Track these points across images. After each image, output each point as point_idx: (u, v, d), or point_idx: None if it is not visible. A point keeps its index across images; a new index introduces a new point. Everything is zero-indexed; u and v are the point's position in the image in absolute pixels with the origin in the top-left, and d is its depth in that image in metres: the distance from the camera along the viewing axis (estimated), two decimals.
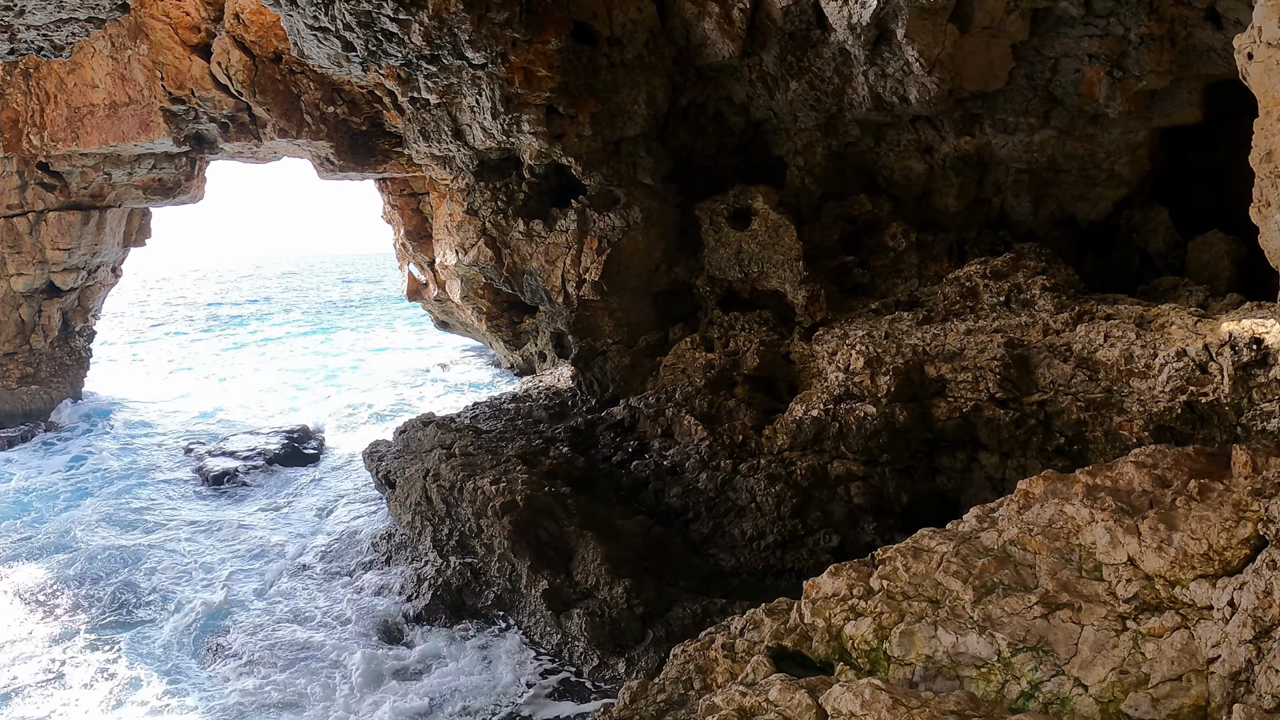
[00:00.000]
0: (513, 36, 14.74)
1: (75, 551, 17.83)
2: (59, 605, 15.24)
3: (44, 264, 29.52)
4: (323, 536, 17.92)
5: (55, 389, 32.08)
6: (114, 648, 13.57)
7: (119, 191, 29.12)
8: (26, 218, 28.57)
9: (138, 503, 21.58)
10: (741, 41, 15.00)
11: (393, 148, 23.13)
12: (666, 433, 14.96)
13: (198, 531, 19.16)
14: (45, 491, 22.95)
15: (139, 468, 25.26)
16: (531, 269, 17.69)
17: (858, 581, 6.18)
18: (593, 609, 11.27)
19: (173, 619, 14.53)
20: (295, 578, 15.84)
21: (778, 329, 15.36)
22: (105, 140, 25.17)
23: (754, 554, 12.24)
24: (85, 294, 32.18)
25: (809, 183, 16.21)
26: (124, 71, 23.94)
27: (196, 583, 16.24)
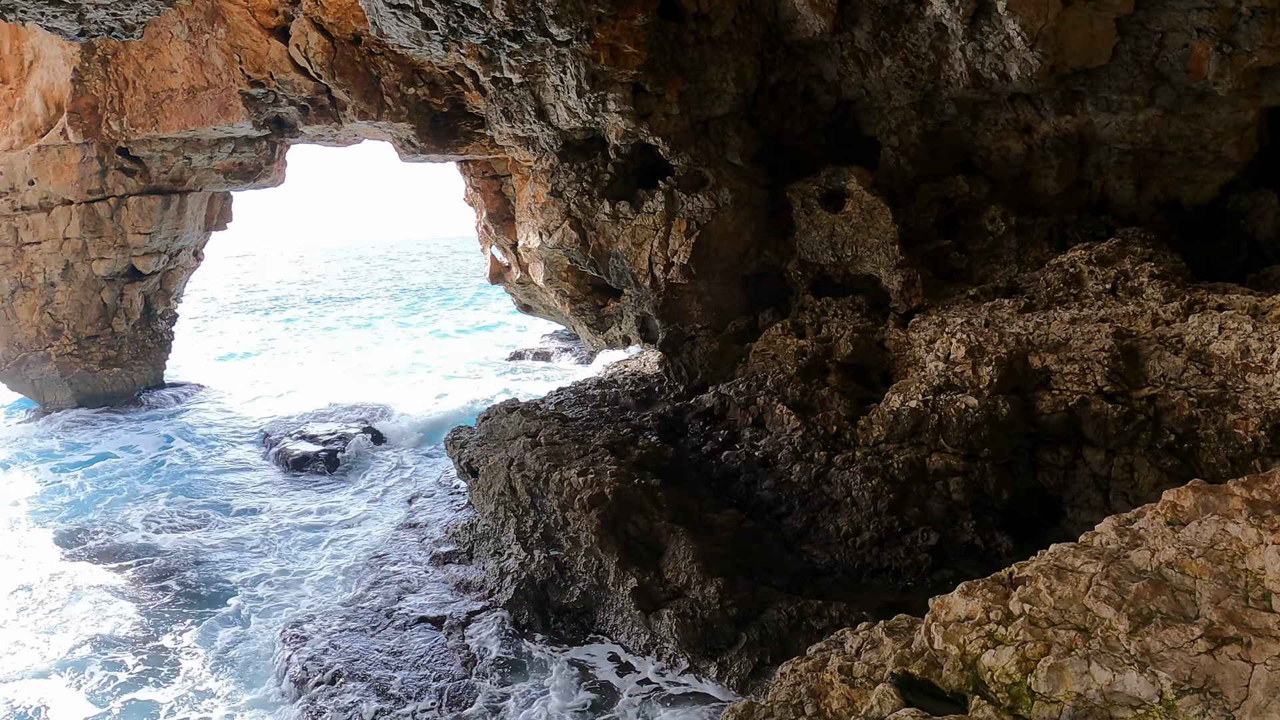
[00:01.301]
0: (598, 12, 14.91)
1: (155, 539, 18.78)
2: (140, 594, 16.01)
3: (125, 248, 30.74)
4: (400, 524, 18.54)
5: (137, 371, 33.48)
6: (193, 639, 14.28)
7: (199, 176, 30.17)
8: (107, 202, 29.78)
9: (217, 487, 22.61)
10: (833, 16, 15.03)
11: (474, 129, 23.59)
12: (757, 422, 15.10)
13: (274, 518, 19.97)
14: (126, 476, 24.09)
15: (219, 452, 26.39)
16: (617, 251, 17.98)
17: (995, 604, 5.81)
18: (684, 609, 11.39)
19: (248, 609, 15.26)
20: (373, 568, 16.33)
21: (871, 315, 15.43)
22: (184, 125, 26.09)
23: (849, 551, 12.37)
24: (166, 278, 33.43)
25: (903, 163, 16.16)
26: (202, 56, 24.77)
27: (274, 571, 16.98)
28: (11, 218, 31.13)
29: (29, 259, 31.39)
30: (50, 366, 31.91)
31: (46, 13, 12.98)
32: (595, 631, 12.78)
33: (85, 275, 31.49)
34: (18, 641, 14.28)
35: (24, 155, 29.82)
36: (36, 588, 16.30)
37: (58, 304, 31.89)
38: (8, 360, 32.64)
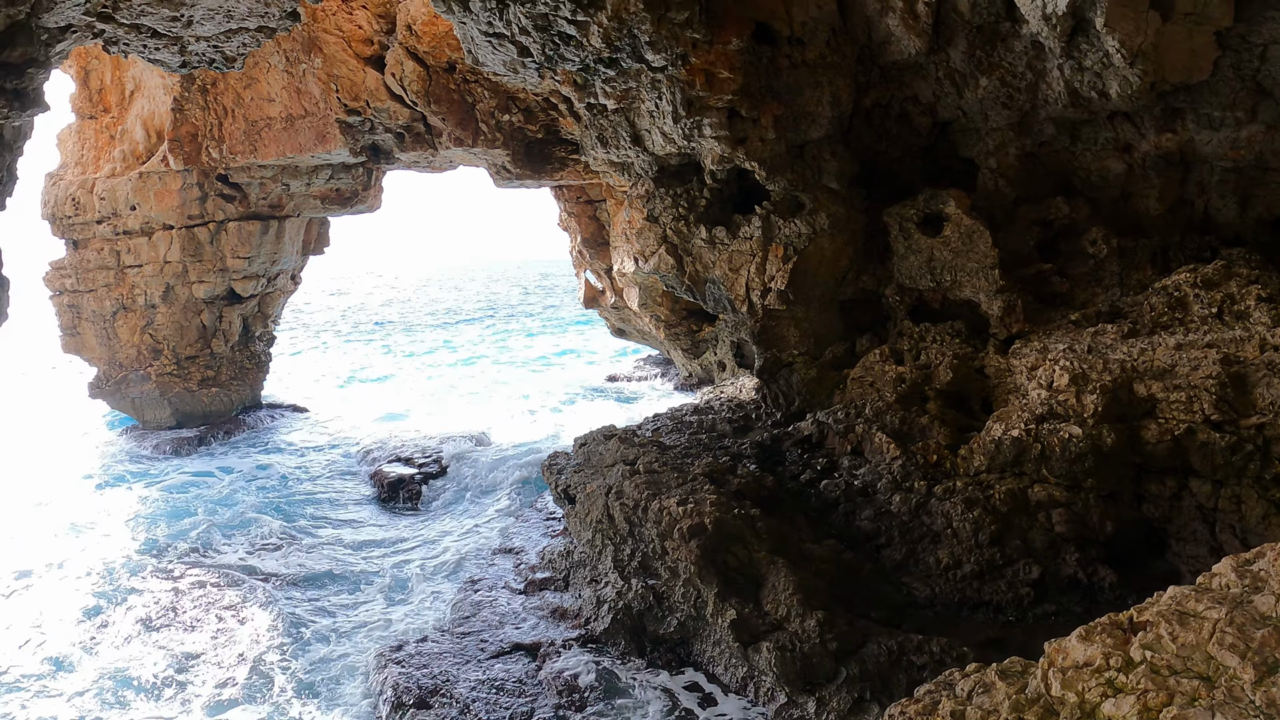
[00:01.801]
0: (693, 37, 15.25)
1: (250, 558, 19.62)
2: (235, 613, 16.77)
3: (224, 271, 31.97)
4: (496, 549, 19.04)
5: (235, 392, 34.70)
6: (287, 657, 14.93)
7: (297, 202, 31.32)
8: (207, 227, 31.04)
9: (313, 508, 23.44)
10: (928, 37, 15.17)
11: (569, 155, 24.22)
12: (856, 450, 15.30)
13: (369, 540, 20.66)
14: (222, 495, 25.11)
15: (315, 473, 27.26)
16: (714, 277, 18.28)
17: (1114, 650, 5.65)
18: (783, 642, 11.46)
19: (344, 630, 15.88)
20: (468, 592, 16.84)
21: (971, 341, 15.54)
22: (283, 152, 27.15)
23: (949, 584, 12.47)
24: (265, 300, 34.66)
25: (1002, 185, 16.23)
26: (299, 85, 25.79)
27: (369, 593, 17.60)
28: (114, 241, 32.58)
29: (130, 281, 32.83)
30: (150, 385, 33.31)
31: (150, 45, 13.72)
32: (691, 663, 13.01)
33: (185, 297, 32.82)
34: (107, 654, 15.11)
35: (126, 181, 31.21)
36: (132, 603, 17.17)
37: (158, 325, 33.28)
38: (109, 379, 34.14)
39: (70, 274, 33.92)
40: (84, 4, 11.62)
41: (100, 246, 32.91)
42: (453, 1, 15.53)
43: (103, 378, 34.62)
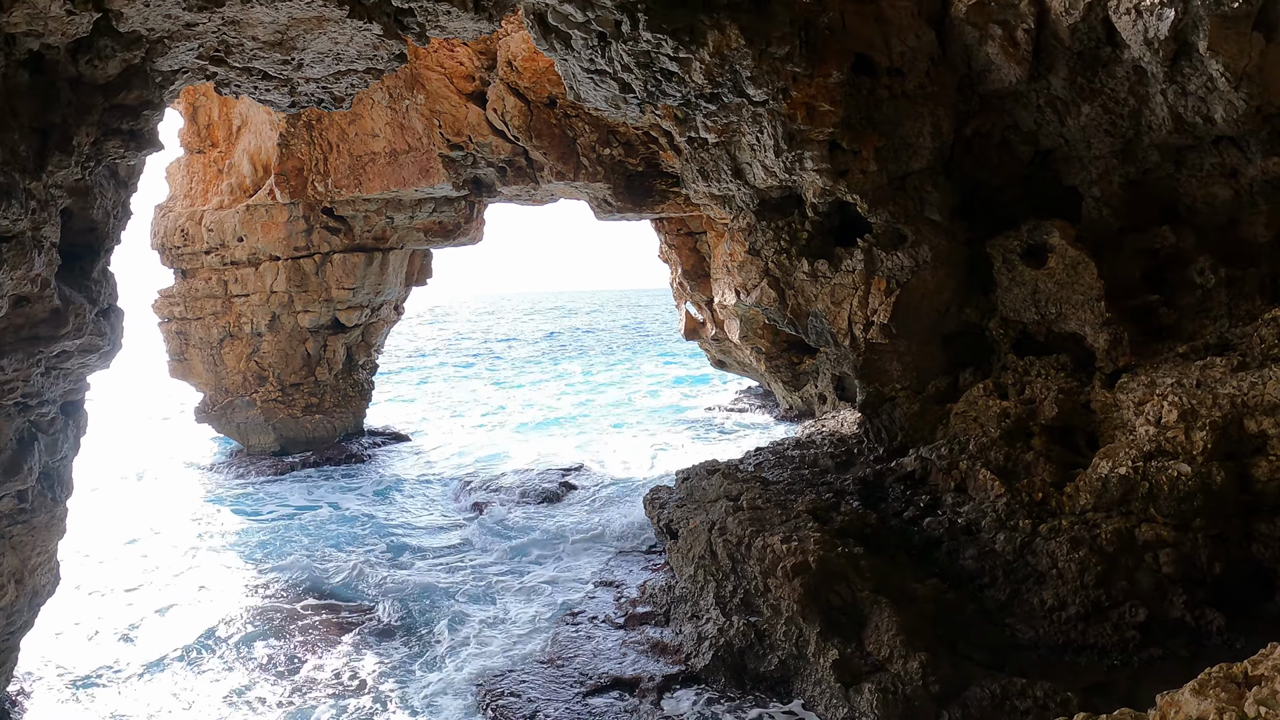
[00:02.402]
0: (793, 71, 15.69)
1: (352, 583, 20.18)
2: (336, 636, 17.38)
3: (329, 302, 33.15)
4: (597, 581, 19.37)
5: (338, 419, 35.78)
6: (388, 685, 15.35)
7: (400, 234, 32.41)
8: (313, 259, 32.25)
9: (413, 535, 24.04)
10: (1028, 64, 15.39)
11: (670, 188, 24.80)
12: (960, 487, 15.47)
13: (469, 570, 21.03)
14: (324, 520, 25.95)
15: (416, 500, 27.88)
16: (816, 310, 18.64)
17: (1228, 705, 5.47)
18: (885, 684, 11.61)
19: (443, 658, 16.31)
20: (568, 624, 17.19)
21: (1076, 375, 15.64)
22: (386, 186, 28.19)
23: (1053, 626, 12.50)
24: (368, 330, 35.82)
25: (1106, 214, 16.27)
26: (403, 121, 26.81)
27: (469, 623, 17.95)
28: (221, 271, 33.99)
29: (237, 310, 34.21)
30: (255, 411, 34.60)
31: (260, 87, 14.44)
32: (791, 701, 13.06)
33: (290, 326, 34.12)
34: (214, 673, 15.88)
35: (233, 214, 32.59)
36: (236, 625, 17.96)
37: (264, 353, 34.59)
38: (215, 404, 35.56)
39: (179, 302, 35.47)
40: (197, 49, 12.31)
41: (208, 276, 34.36)
42: (555, 39, 16.15)
43: (209, 403, 36.07)
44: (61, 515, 14.03)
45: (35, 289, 11.27)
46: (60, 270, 11.99)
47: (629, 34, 15.06)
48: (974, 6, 15.50)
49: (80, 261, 13.02)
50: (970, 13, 15.60)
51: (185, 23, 11.26)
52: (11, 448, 12.21)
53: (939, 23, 16.34)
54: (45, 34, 10.28)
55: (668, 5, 14.72)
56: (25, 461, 12.40)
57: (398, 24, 12.62)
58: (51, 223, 11.41)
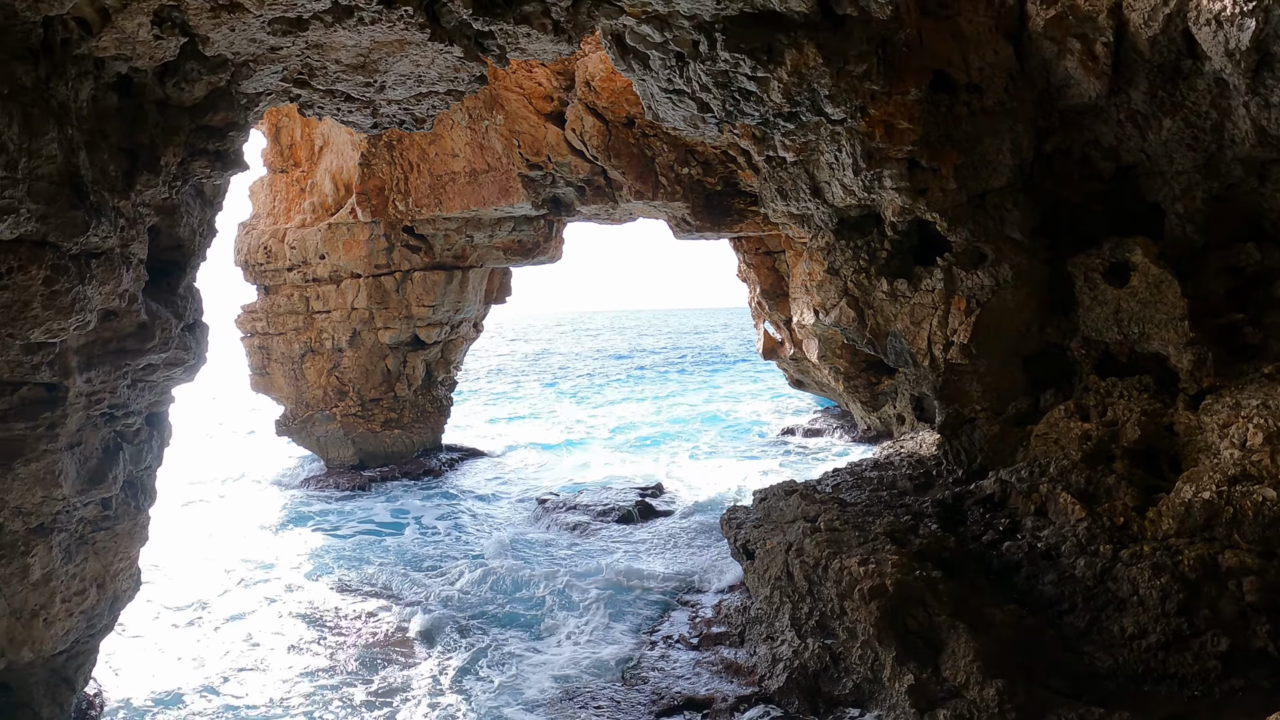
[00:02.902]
0: (871, 89, 15.71)
1: (431, 597, 20.66)
2: (414, 651, 17.80)
3: (409, 319, 33.86)
4: (674, 603, 19.67)
5: (416, 434, 36.53)
6: (467, 699, 15.65)
7: (480, 253, 33.03)
8: (393, 276, 32.99)
9: (492, 550, 24.47)
10: (1107, 78, 15.27)
11: (748, 207, 25.01)
12: (1040, 510, 15.38)
13: (546, 586, 21.35)
14: (404, 533, 26.68)
15: (494, 515, 28.45)
16: (895, 330, 18.69)
17: None
18: (960, 711, 11.63)
19: (521, 672, 16.63)
20: (643, 644, 17.54)
21: (1159, 396, 15.47)
22: (466, 205, 28.78)
23: (1133, 654, 12.38)
24: (448, 347, 36.51)
25: (1190, 231, 16.03)
26: (482, 141, 27.36)
27: (546, 637, 18.37)
28: (303, 288, 34.88)
29: (318, 326, 35.08)
30: (335, 425, 35.46)
31: (343, 108, 14.85)
32: None
33: (371, 343, 34.88)
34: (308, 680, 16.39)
35: (315, 232, 33.44)
36: (319, 637, 18.50)
37: (344, 368, 35.39)
38: (295, 417, 36.45)
39: (261, 317, 36.48)
40: (281, 71, 12.74)
41: (290, 292, 35.30)
42: (633, 59, 16.39)
43: (290, 416, 36.98)
44: (144, 523, 14.58)
45: (123, 304, 11.80)
46: (147, 286, 12.53)
47: (707, 54, 15.20)
48: (1052, 20, 15.47)
49: (167, 277, 13.58)
50: (1048, 27, 15.58)
51: (270, 46, 11.72)
52: (97, 456, 12.76)
53: (1016, 38, 16.32)
54: (133, 58, 10.79)
55: (745, 25, 14.83)
56: (110, 470, 12.94)
57: (478, 46, 12.92)
58: (139, 240, 11.93)
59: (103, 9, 9.78)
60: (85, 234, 9.99)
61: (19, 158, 8.75)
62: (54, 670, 13.84)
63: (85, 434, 12.42)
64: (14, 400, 11.09)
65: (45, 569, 12.30)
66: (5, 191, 8.71)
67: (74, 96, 9.98)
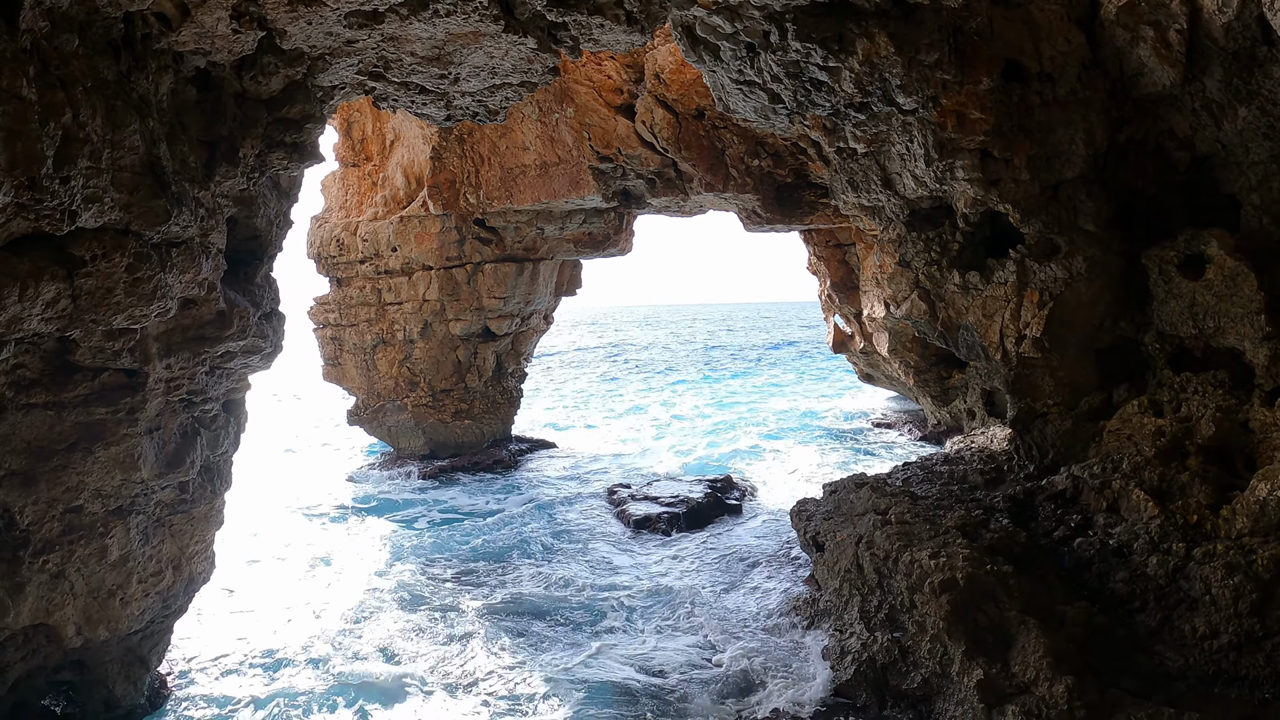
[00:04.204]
0: (943, 79, 15.72)
1: (504, 586, 21.14)
2: (490, 638, 18.16)
3: (480, 310, 34.33)
4: (744, 594, 19.91)
5: (486, 425, 37.03)
6: (544, 687, 15.97)
7: (550, 245, 33.42)
8: (465, 268, 33.47)
9: (562, 540, 24.93)
10: (1181, 66, 15.04)
11: (818, 199, 25.03)
12: (1112, 507, 15.30)
13: (617, 575, 21.89)
14: (475, 525, 27.05)
15: (564, 507, 28.80)
16: (967, 323, 18.64)
17: None
18: (1029, 707, 11.61)
19: (598, 660, 16.95)
20: (716, 633, 17.80)
21: (1234, 392, 15.27)
22: (537, 198, 29.10)
23: (1204, 655, 12.31)
24: (518, 338, 36.95)
25: (1267, 223, 15.72)
26: (552, 134, 27.64)
27: (618, 626, 18.71)
28: (375, 280, 35.49)
29: (390, 317, 35.68)
30: (406, 415, 36.12)
31: (417, 101, 15.13)
32: None
33: (442, 334, 35.41)
34: (380, 673, 16.66)
35: (387, 225, 34.00)
36: (380, 623, 19.01)
37: (415, 359, 35.97)
38: (367, 407, 37.15)
39: (334, 309, 37.19)
40: (356, 64, 13.07)
41: (362, 284, 35.95)
42: (704, 51, 16.53)
43: (361, 406, 37.71)
44: (220, 507, 15.08)
45: (202, 292, 12.25)
46: (225, 275, 12.99)
47: (777, 44, 15.30)
48: (1124, 8, 15.29)
49: (244, 267, 14.05)
50: (1120, 14, 15.41)
51: (346, 40, 12.04)
52: (175, 441, 13.24)
53: (1088, 26, 16.13)
54: (212, 52, 11.17)
55: (815, 15, 14.90)
56: (188, 455, 13.42)
57: (551, 38, 13.15)
58: (218, 230, 12.37)
59: (182, 4, 10.15)
60: (167, 223, 10.40)
61: (103, 149, 9.14)
62: (129, 649, 14.35)
63: (164, 419, 12.89)
64: (95, 385, 11.57)
65: (123, 550, 12.80)
66: (90, 181, 9.08)
67: (154, 90, 10.39)
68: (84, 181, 9.01)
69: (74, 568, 12.25)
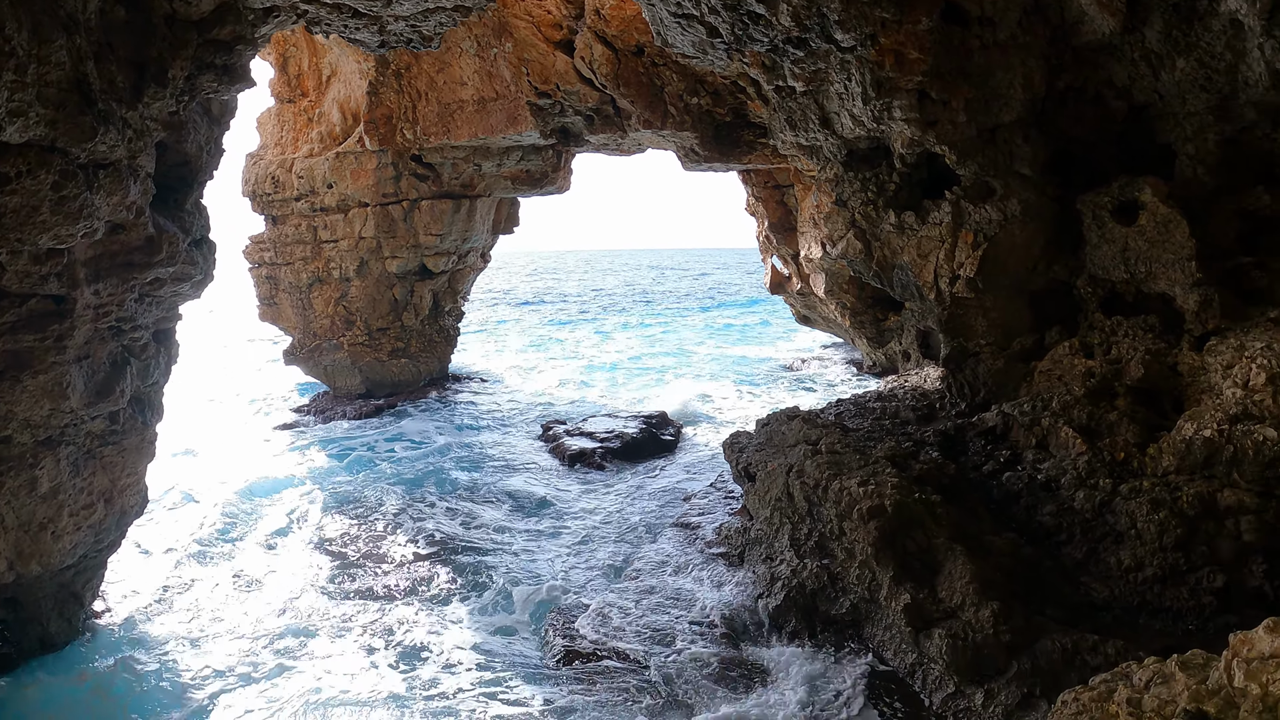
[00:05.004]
0: (882, 17, 15.44)
1: (432, 520, 20.95)
2: (414, 571, 18.06)
3: (417, 248, 33.82)
4: (673, 523, 19.88)
5: (423, 363, 36.71)
6: (465, 612, 16.07)
7: (488, 182, 32.91)
8: (401, 205, 32.90)
9: (495, 476, 24.73)
10: (1122, 15, 14.84)
11: (757, 138, 24.77)
12: (1041, 444, 15.41)
13: (548, 510, 21.88)
14: (407, 460, 26.83)
15: (498, 443, 28.71)
16: (902, 263, 18.58)
17: None
18: (956, 631, 11.73)
19: (520, 589, 16.89)
20: (644, 562, 17.78)
21: (1164, 336, 15.34)
22: (475, 134, 28.59)
23: (1129, 587, 12.48)
24: (455, 277, 36.50)
25: (1200, 173, 15.65)
26: (490, 69, 27.11)
27: (546, 558, 18.66)
28: (311, 218, 34.78)
29: (326, 255, 35.04)
30: (342, 354, 35.60)
31: (350, 25, 14.72)
32: (860, 645, 13.39)
33: (378, 272, 34.86)
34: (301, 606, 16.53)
35: (323, 161, 33.28)
36: (318, 560, 18.79)
37: (352, 298, 35.43)
38: (303, 346, 36.57)
39: (269, 248, 36.44)
40: None
41: (298, 222, 35.21)
42: None
43: (297, 346, 37.11)
44: (151, 439, 14.71)
45: (130, 216, 11.84)
46: (155, 201, 12.61)
47: None
48: None
49: (174, 193, 13.61)
50: None
51: None
52: (105, 370, 12.84)
53: None
54: None
55: None
56: (117, 384, 13.02)
57: None
58: (147, 152, 11.95)
59: None
60: (93, 140, 10.00)
61: (28, 63, 8.76)
62: (62, 585, 14.00)
63: (93, 347, 12.50)
64: (22, 312, 11.15)
65: (53, 482, 12.41)
66: (15, 95, 8.73)
67: (82, 8, 9.94)
68: (8, 95, 8.67)
69: (3, 500, 11.92)
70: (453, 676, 13.88)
